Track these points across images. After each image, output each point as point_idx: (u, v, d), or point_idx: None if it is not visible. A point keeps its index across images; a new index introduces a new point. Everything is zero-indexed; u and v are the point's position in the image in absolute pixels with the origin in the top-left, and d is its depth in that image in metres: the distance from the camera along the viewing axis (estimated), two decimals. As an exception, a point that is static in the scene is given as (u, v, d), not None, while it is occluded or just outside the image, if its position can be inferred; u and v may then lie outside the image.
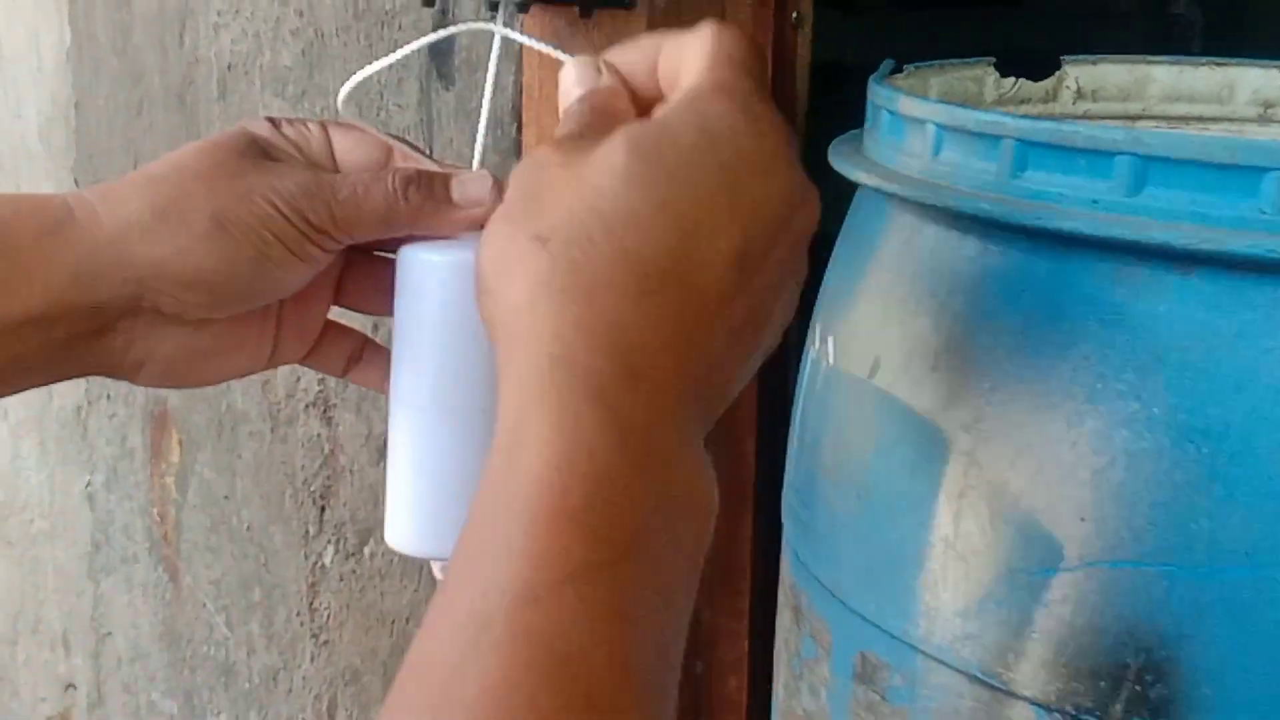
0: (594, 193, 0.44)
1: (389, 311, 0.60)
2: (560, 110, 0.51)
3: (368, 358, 0.65)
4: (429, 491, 0.57)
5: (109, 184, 0.55)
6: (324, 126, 0.60)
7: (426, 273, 0.57)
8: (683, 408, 0.44)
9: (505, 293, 0.44)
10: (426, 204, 0.56)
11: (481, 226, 0.57)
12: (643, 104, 0.51)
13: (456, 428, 0.58)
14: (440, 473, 0.57)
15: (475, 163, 0.60)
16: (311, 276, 0.58)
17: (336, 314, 0.62)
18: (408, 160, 0.60)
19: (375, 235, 0.57)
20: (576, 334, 0.42)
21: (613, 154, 0.45)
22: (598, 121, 0.48)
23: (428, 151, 0.62)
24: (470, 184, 0.57)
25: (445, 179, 0.57)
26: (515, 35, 0.59)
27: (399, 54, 0.59)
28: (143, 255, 0.53)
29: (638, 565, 0.40)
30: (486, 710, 0.37)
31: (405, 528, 0.59)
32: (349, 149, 0.59)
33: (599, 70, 0.52)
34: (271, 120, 0.59)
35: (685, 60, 0.49)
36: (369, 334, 0.64)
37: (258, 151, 0.57)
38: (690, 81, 0.48)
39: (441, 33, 0.60)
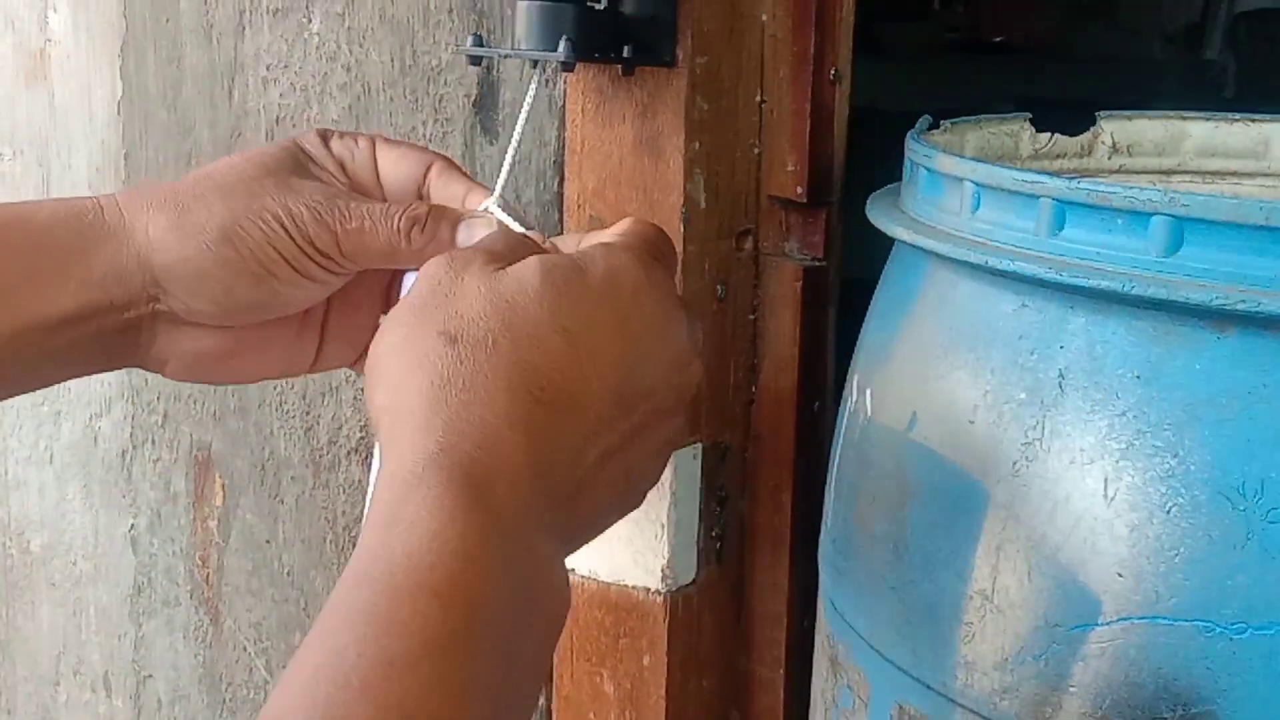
0: (506, 305, 0.49)
1: None
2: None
3: None
4: None
5: (141, 187, 0.58)
6: (371, 142, 0.62)
7: None
8: (549, 515, 0.47)
9: (404, 378, 0.48)
10: (429, 246, 0.58)
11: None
12: None
13: None
14: None
15: (496, 190, 0.61)
16: (322, 295, 0.59)
17: None
18: (443, 178, 0.62)
19: (381, 266, 0.59)
20: (468, 429, 0.46)
21: (527, 274, 0.50)
22: (519, 246, 0.53)
23: (467, 171, 0.63)
24: (476, 227, 0.59)
25: (454, 221, 0.58)
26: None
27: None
28: (157, 261, 0.56)
29: (491, 645, 0.43)
30: None
31: None
32: (392, 164, 0.62)
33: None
34: (322, 134, 0.61)
35: (603, 234, 0.55)
36: None
37: (291, 167, 0.59)
38: (605, 239, 0.53)
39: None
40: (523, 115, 0.65)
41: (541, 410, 0.47)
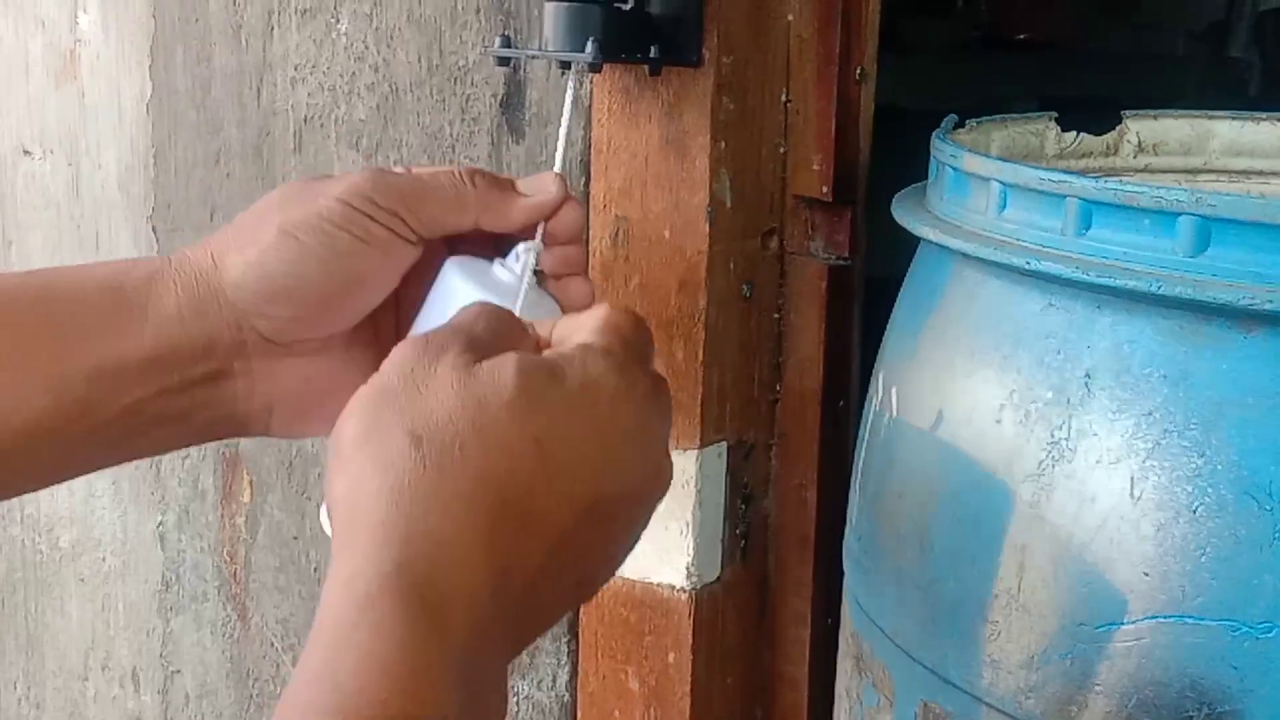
0: (476, 406, 0.46)
1: None
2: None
3: None
4: None
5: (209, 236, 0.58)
6: None
7: (452, 298, 0.57)
8: (501, 630, 0.46)
9: (365, 477, 0.46)
10: (492, 190, 0.57)
11: (547, 217, 0.58)
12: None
13: None
14: None
15: (537, 236, 0.61)
16: (392, 270, 0.57)
17: None
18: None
19: (448, 221, 0.57)
20: (425, 545, 0.44)
21: (503, 375, 0.47)
22: (499, 332, 0.50)
23: (494, 171, 0.64)
24: (537, 178, 0.58)
25: (512, 178, 0.59)
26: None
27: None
28: (228, 281, 0.56)
29: None
30: None
31: None
32: None
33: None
34: None
35: (579, 326, 0.52)
36: None
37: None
38: (582, 339, 0.50)
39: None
40: (565, 115, 0.65)
41: (504, 525, 0.46)
